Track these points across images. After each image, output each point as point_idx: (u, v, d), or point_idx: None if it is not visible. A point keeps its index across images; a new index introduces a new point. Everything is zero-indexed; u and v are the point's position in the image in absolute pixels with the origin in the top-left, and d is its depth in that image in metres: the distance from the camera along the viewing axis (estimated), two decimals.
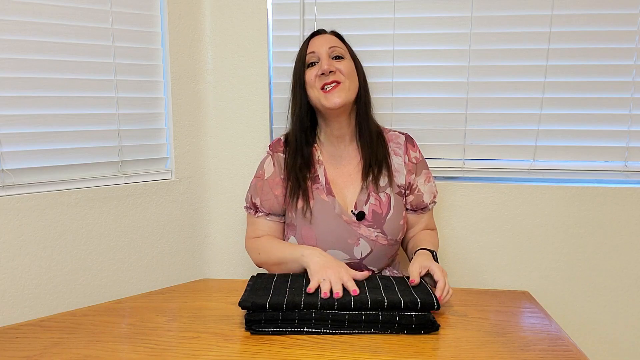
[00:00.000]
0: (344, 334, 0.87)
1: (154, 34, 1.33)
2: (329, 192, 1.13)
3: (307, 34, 1.25)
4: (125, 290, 1.32)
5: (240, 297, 0.90)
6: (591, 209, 1.36)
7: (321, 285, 0.93)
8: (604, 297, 1.38)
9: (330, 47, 1.12)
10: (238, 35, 1.41)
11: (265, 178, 1.18)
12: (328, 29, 1.20)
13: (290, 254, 1.07)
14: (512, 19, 1.33)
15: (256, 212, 1.18)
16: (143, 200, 1.33)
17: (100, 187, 1.26)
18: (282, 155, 1.18)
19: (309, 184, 1.13)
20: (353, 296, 0.89)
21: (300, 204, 1.12)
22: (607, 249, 1.37)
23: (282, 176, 1.17)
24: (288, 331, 0.87)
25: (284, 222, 1.19)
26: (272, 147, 1.21)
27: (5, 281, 1.13)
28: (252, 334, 0.88)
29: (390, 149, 1.18)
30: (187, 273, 1.45)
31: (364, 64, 1.17)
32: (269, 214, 1.17)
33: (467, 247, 1.42)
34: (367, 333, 0.87)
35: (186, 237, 1.44)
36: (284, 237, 1.20)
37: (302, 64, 1.14)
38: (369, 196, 1.13)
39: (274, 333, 0.87)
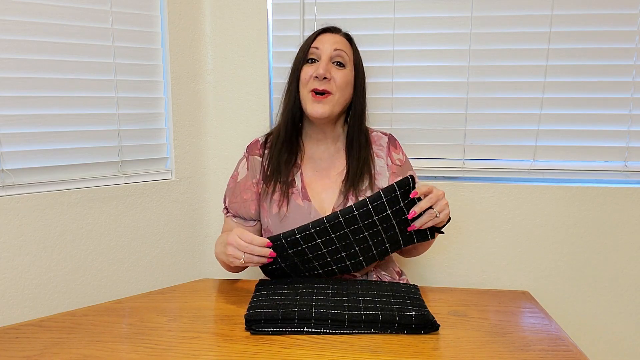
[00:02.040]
0: (343, 334, 0.87)
1: (154, 34, 1.33)
2: (305, 197, 1.11)
3: (307, 34, 1.24)
4: (125, 290, 1.32)
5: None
6: (591, 209, 1.36)
7: (241, 260, 0.96)
8: (604, 297, 1.38)
9: (335, 50, 1.09)
10: (238, 35, 1.41)
11: (238, 180, 1.17)
12: (343, 29, 1.16)
13: (217, 249, 1.11)
14: (512, 19, 1.33)
15: (227, 212, 1.19)
16: (143, 200, 1.33)
17: (100, 187, 1.26)
18: (258, 158, 1.17)
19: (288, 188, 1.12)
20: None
21: (275, 209, 1.11)
22: (607, 249, 1.37)
23: (253, 180, 1.15)
24: (288, 331, 0.87)
25: (254, 227, 1.17)
26: (249, 149, 1.19)
27: (5, 281, 1.13)
28: (252, 334, 0.88)
29: (373, 152, 1.16)
30: (187, 273, 1.45)
31: (363, 64, 1.17)
32: (235, 216, 1.17)
33: (467, 247, 1.42)
34: (367, 333, 0.87)
35: (186, 237, 1.44)
36: None
37: (304, 56, 1.11)
38: (347, 200, 1.10)
39: (274, 333, 0.87)
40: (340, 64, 1.10)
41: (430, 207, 0.97)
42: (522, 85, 1.36)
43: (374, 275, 1.14)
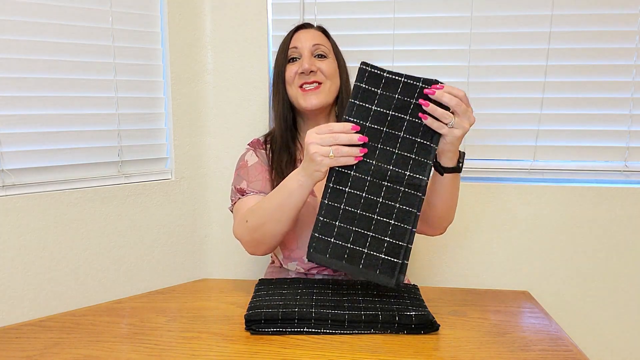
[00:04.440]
0: (343, 334, 0.87)
1: (154, 34, 1.33)
2: (310, 192, 1.11)
3: None
4: (125, 290, 1.32)
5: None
6: (591, 209, 1.36)
7: (329, 162, 0.84)
8: (604, 296, 1.38)
9: (314, 45, 1.10)
10: (238, 35, 1.41)
11: (249, 165, 1.13)
12: (315, 24, 1.18)
13: (282, 194, 0.95)
14: (512, 19, 1.33)
15: (244, 194, 1.09)
16: (143, 200, 1.33)
17: (100, 187, 1.26)
18: (263, 151, 1.17)
19: None
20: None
21: None
22: (607, 249, 1.37)
23: (266, 167, 1.13)
24: (288, 331, 0.87)
25: None
26: (252, 145, 1.19)
27: (5, 281, 1.13)
28: (252, 334, 0.88)
29: None
30: (187, 273, 1.45)
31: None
32: (260, 192, 1.09)
33: (467, 247, 1.42)
34: (367, 333, 0.87)
35: (186, 237, 1.44)
36: None
37: (284, 57, 1.12)
38: None
39: (273, 333, 0.87)
40: (322, 55, 1.11)
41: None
42: (522, 85, 1.36)
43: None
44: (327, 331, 0.87)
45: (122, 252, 1.31)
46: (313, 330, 0.87)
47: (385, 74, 0.85)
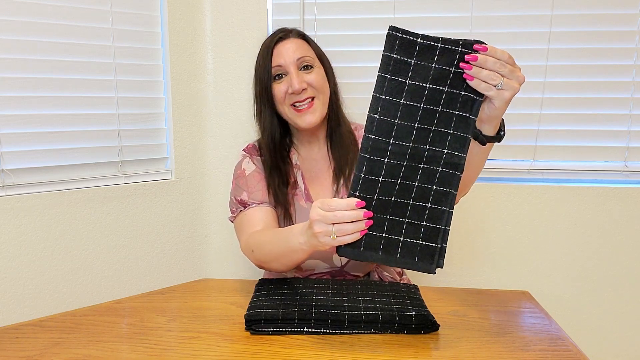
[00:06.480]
0: (343, 334, 0.87)
1: (154, 34, 1.33)
2: (308, 199, 1.10)
3: (308, 33, 1.24)
4: (125, 290, 1.32)
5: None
6: (591, 209, 1.36)
7: (332, 242, 0.77)
8: (604, 296, 1.38)
9: (298, 59, 1.05)
10: (238, 35, 1.41)
11: (247, 174, 1.11)
12: (290, 27, 1.12)
13: (285, 246, 0.92)
14: (512, 19, 1.33)
15: (245, 207, 1.08)
16: (143, 200, 1.33)
17: (100, 187, 1.26)
18: (259, 157, 1.14)
19: (288, 189, 1.10)
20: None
21: (279, 212, 1.09)
22: (607, 249, 1.37)
23: (264, 174, 1.11)
24: (288, 331, 0.87)
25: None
26: (248, 151, 1.16)
27: (5, 281, 1.13)
28: (252, 334, 0.88)
29: (356, 139, 1.13)
30: (187, 273, 1.45)
31: (363, 65, 1.17)
32: (261, 203, 1.08)
33: (468, 247, 1.42)
34: (367, 333, 0.87)
35: (186, 237, 1.44)
36: None
37: (268, 76, 1.07)
38: (339, 192, 1.09)
39: (273, 333, 0.87)
40: (308, 67, 1.07)
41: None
42: (522, 85, 1.35)
43: (376, 275, 1.14)
44: (327, 331, 0.87)
45: (122, 252, 1.31)
46: (313, 330, 0.87)
47: (419, 40, 0.76)
